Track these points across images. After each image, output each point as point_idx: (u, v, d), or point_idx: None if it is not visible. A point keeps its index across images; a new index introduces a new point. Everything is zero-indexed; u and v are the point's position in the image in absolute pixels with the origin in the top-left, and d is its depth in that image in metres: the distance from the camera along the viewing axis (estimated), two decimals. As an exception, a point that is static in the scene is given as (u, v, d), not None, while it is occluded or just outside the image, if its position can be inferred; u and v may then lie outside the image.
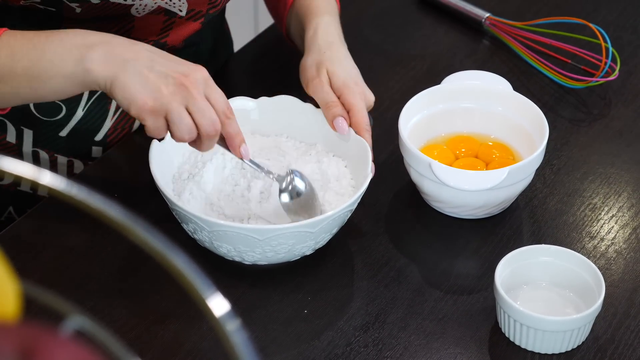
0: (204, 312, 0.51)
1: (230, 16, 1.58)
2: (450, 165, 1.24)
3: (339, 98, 1.25)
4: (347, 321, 1.15)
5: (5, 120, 1.34)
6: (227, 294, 0.89)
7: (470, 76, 1.35)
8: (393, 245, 1.24)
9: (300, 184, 1.20)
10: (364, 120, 1.23)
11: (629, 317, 1.15)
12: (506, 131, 1.32)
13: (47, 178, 0.56)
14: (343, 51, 1.30)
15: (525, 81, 1.48)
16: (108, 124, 1.37)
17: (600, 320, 1.14)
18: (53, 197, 1.26)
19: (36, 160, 1.38)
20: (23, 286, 0.56)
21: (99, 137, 1.37)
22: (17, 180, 1.37)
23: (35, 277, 1.16)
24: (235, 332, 0.53)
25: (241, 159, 1.15)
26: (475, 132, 1.34)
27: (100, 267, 1.20)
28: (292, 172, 1.20)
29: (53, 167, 1.39)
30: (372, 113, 1.37)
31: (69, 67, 1.09)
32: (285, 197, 1.19)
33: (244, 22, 2.73)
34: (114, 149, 1.36)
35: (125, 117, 1.38)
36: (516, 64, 1.52)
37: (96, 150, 1.38)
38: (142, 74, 1.07)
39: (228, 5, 1.53)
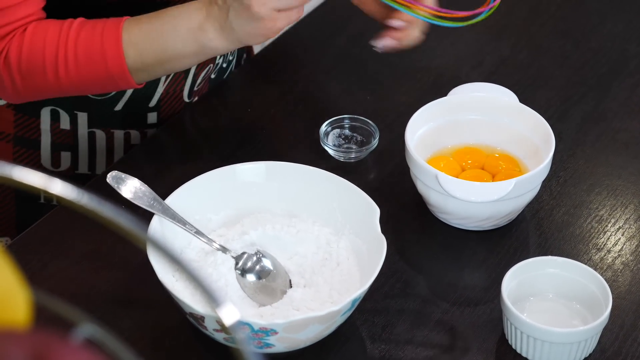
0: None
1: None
2: (457, 177, 1.25)
3: None
4: (354, 332, 1.15)
5: (58, 109, 1.36)
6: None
7: (476, 88, 1.35)
8: (400, 257, 1.24)
9: (265, 265, 1.16)
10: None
11: (636, 329, 1.15)
12: (512, 143, 1.32)
13: (58, 187, 0.56)
14: None
15: (531, 94, 1.48)
16: (160, 88, 1.39)
17: (607, 332, 1.14)
18: (62, 207, 1.27)
19: (92, 140, 1.40)
20: (34, 294, 0.56)
21: (153, 102, 1.40)
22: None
23: (43, 286, 1.16)
24: (244, 342, 0.53)
25: None
26: (482, 143, 1.34)
27: (108, 278, 1.21)
28: (257, 252, 1.17)
29: (109, 142, 1.41)
30: (379, 125, 1.37)
31: (192, 48, 1.22)
32: (251, 277, 1.16)
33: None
34: (119, 162, 1.37)
35: (177, 81, 1.40)
36: (522, 77, 1.52)
37: (151, 116, 1.40)
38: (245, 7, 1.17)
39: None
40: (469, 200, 1.19)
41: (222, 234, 1.21)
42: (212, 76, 1.46)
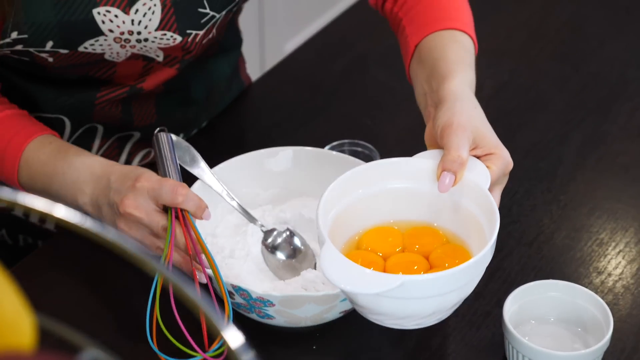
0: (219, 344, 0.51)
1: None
2: (387, 262, 1.07)
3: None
4: (355, 357, 1.15)
5: None
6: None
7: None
8: (401, 281, 1.24)
9: (293, 243, 1.22)
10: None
11: (637, 352, 1.15)
12: (459, 223, 1.10)
13: (62, 212, 0.56)
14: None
15: (531, 117, 1.49)
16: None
17: (609, 355, 1.14)
18: (64, 232, 1.27)
19: None
20: (38, 318, 0.56)
21: None
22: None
23: (46, 312, 1.16)
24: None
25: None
26: (425, 220, 1.12)
27: (110, 302, 1.21)
28: (287, 230, 1.22)
29: None
30: (379, 150, 1.38)
31: (70, 201, 1.20)
32: (281, 255, 1.22)
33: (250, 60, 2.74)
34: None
35: (110, 155, 1.41)
36: (522, 100, 1.53)
37: None
38: (112, 223, 1.16)
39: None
40: (342, 288, 0.97)
41: (267, 210, 1.27)
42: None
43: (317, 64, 1.61)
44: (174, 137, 1.23)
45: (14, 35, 1.19)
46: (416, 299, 0.99)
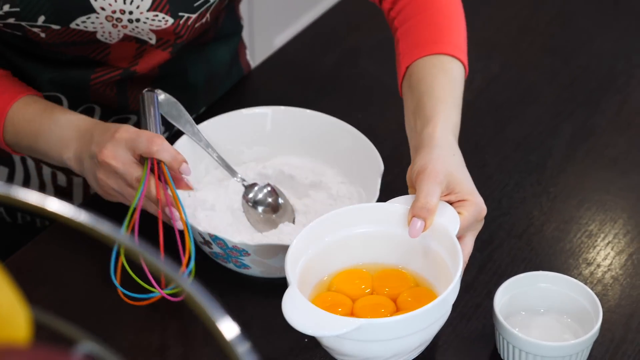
0: (214, 336, 0.51)
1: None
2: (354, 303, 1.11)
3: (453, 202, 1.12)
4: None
5: None
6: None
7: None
8: (392, 273, 1.25)
9: (269, 198, 1.26)
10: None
11: (625, 342, 1.16)
12: (428, 266, 1.13)
13: (55, 205, 0.57)
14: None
15: (521, 110, 1.49)
16: None
17: (598, 345, 1.15)
18: (59, 225, 1.28)
19: (24, 165, 1.42)
20: (33, 312, 0.57)
21: None
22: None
23: (40, 305, 1.16)
24: (245, 356, 0.54)
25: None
26: (391, 263, 1.15)
27: (103, 296, 1.21)
28: (267, 185, 1.27)
29: (39, 176, 1.44)
30: (371, 141, 1.38)
31: (55, 157, 1.23)
32: (260, 209, 1.26)
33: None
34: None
35: None
36: (512, 94, 1.53)
37: None
38: (93, 174, 1.18)
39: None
40: (302, 330, 1.00)
41: (250, 166, 1.32)
42: None
43: (307, 57, 1.61)
44: (160, 94, 1.27)
45: (6, 7, 1.19)
46: (375, 342, 1.02)
